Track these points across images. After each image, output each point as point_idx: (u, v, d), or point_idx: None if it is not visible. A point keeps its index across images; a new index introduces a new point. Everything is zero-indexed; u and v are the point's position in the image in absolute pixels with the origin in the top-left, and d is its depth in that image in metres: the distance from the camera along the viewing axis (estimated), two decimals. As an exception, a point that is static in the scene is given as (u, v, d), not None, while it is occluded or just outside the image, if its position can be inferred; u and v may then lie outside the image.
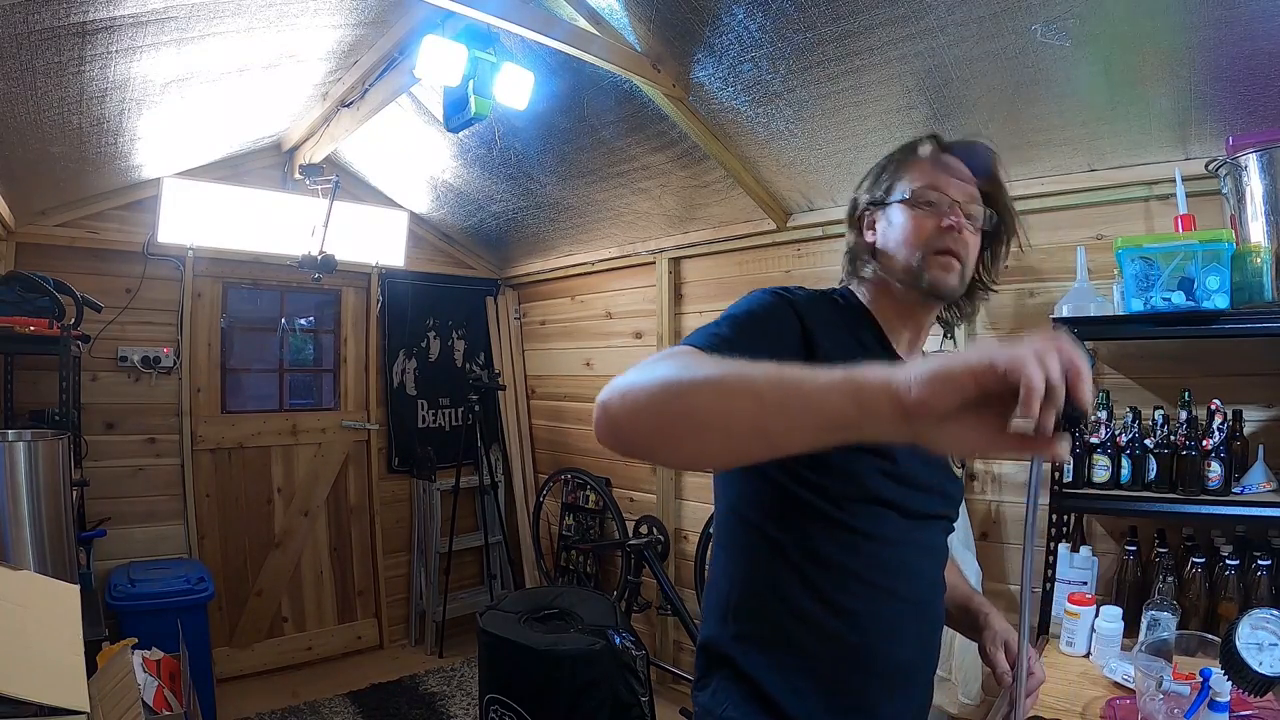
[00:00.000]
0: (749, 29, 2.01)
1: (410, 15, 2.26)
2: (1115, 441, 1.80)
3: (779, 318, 0.89)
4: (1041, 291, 2.17)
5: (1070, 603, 1.71)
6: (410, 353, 4.07)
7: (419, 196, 3.80)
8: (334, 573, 3.80)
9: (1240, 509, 1.61)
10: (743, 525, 0.93)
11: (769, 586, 0.89)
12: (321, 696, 3.25)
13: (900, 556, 0.91)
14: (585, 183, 3.12)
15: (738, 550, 0.94)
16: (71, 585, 1.49)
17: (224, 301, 3.50)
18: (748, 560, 0.93)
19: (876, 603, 0.88)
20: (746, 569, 0.93)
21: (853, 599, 0.87)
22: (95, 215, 3.08)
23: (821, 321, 0.92)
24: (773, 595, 0.89)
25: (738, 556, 0.94)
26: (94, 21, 1.83)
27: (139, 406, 3.19)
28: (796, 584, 0.87)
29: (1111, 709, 1.37)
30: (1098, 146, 1.99)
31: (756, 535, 0.91)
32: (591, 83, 2.45)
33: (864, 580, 0.88)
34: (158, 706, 1.84)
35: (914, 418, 0.53)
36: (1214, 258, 1.57)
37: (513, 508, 4.28)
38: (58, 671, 1.23)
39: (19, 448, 1.82)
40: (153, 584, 2.73)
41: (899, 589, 0.90)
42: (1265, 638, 1.16)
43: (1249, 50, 1.57)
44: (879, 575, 0.89)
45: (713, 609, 0.97)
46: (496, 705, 2.20)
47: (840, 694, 0.87)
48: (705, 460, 0.69)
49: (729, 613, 0.93)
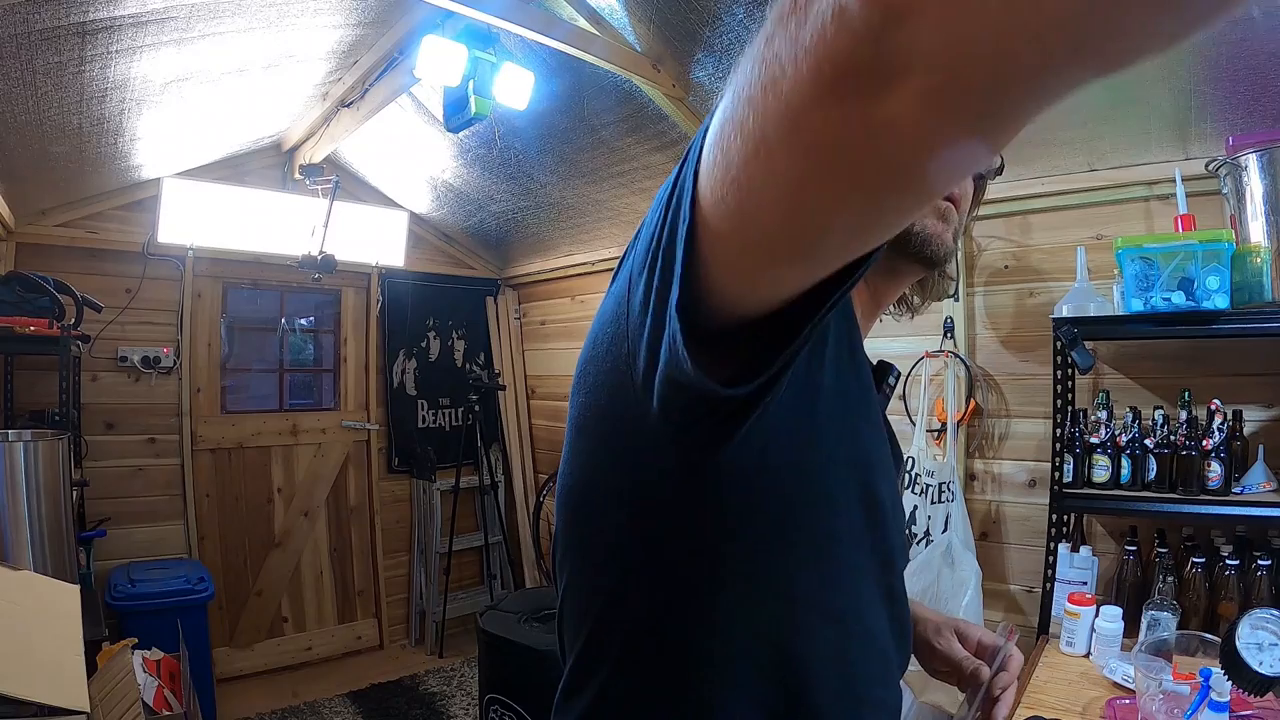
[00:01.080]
0: (749, 29, 2.01)
1: (410, 15, 2.26)
2: (1115, 441, 1.80)
3: None
4: (1041, 291, 2.17)
5: (1070, 603, 1.71)
6: (410, 353, 4.07)
7: (419, 196, 3.80)
8: (334, 573, 3.80)
9: (1240, 509, 1.61)
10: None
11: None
12: (321, 696, 3.25)
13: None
14: (585, 182, 3.12)
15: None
16: (71, 585, 1.49)
17: (224, 301, 3.50)
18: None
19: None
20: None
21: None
22: (95, 215, 3.08)
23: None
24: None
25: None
26: (94, 21, 1.83)
27: (139, 406, 3.19)
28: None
29: (1112, 709, 1.37)
30: (1098, 146, 1.99)
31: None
32: (592, 83, 2.45)
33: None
34: (158, 706, 1.84)
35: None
36: (1214, 258, 1.57)
37: (513, 508, 4.28)
38: (58, 671, 1.23)
39: (19, 448, 1.82)
40: (153, 584, 2.73)
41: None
42: (1265, 638, 1.15)
43: (1249, 50, 1.57)
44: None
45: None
46: (497, 705, 2.20)
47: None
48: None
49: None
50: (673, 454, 0.51)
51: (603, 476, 0.58)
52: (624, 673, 0.57)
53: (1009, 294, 2.24)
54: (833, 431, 0.57)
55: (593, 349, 0.57)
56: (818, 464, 0.56)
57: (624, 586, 0.57)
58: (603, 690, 0.58)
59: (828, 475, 0.57)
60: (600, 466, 0.58)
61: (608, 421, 0.56)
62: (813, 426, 0.55)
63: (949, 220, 0.69)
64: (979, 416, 2.29)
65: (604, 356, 0.54)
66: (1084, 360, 1.79)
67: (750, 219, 0.35)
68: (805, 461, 0.55)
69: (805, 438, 0.55)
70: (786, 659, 0.55)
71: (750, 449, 0.51)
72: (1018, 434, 2.24)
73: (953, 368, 2.28)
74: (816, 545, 0.56)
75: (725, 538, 0.53)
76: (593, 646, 0.59)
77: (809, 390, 0.55)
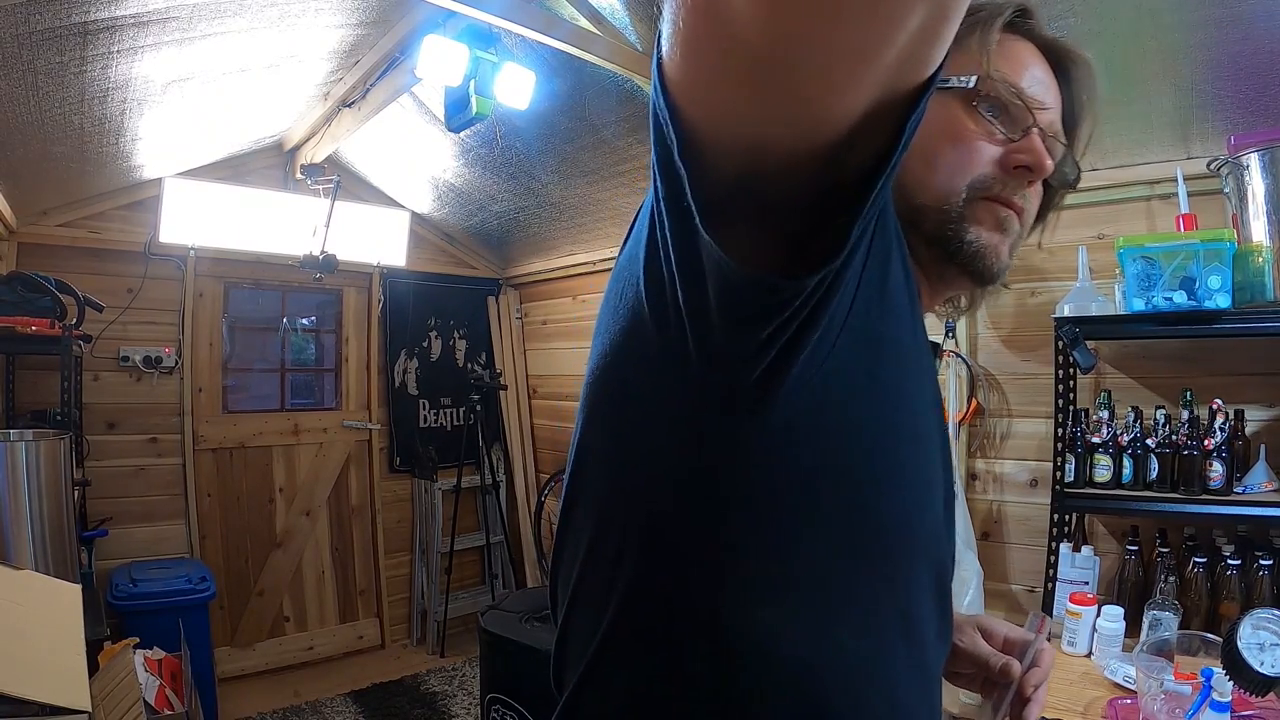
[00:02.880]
0: (750, 28, 2.01)
1: (412, 15, 2.26)
2: (1117, 441, 1.80)
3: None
4: (1043, 291, 2.17)
5: (1072, 602, 1.71)
6: (412, 352, 4.07)
7: (420, 196, 3.80)
8: (335, 572, 3.80)
9: (1242, 509, 1.61)
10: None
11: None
12: (323, 696, 3.25)
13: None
14: (587, 182, 3.12)
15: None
16: (73, 585, 1.50)
17: (225, 301, 3.50)
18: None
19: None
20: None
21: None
22: (97, 215, 3.08)
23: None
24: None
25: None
26: (96, 21, 1.83)
27: (140, 406, 3.19)
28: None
29: (1113, 709, 1.37)
30: (1099, 146, 1.99)
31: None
32: (593, 82, 2.45)
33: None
34: (159, 706, 1.84)
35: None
36: (1215, 257, 1.57)
37: (514, 507, 4.28)
38: (59, 671, 1.23)
39: (20, 447, 1.82)
40: (154, 583, 2.74)
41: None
42: (1267, 638, 1.15)
43: (1250, 49, 1.57)
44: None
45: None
46: (498, 705, 2.20)
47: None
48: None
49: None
50: (714, 399, 0.43)
51: (632, 442, 0.50)
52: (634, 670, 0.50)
53: (1010, 293, 2.23)
54: (897, 392, 0.48)
55: (616, 297, 0.51)
56: (882, 430, 0.47)
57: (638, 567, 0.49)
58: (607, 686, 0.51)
59: (898, 445, 0.48)
60: (625, 431, 0.51)
61: (629, 371, 0.49)
62: (874, 384, 0.46)
63: (1008, 231, 0.59)
64: (980, 416, 2.29)
65: (626, 295, 0.48)
66: (1085, 360, 1.78)
67: (708, 39, 0.31)
68: (870, 423, 0.46)
69: (870, 395, 0.46)
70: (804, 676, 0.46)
71: (806, 398, 0.42)
72: (1019, 433, 2.24)
73: (954, 367, 2.27)
74: (874, 531, 0.47)
75: (755, 517, 0.45)
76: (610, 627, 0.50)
77: (868, 340, 0.45)
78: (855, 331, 0.43)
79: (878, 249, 0.43)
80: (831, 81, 0.31)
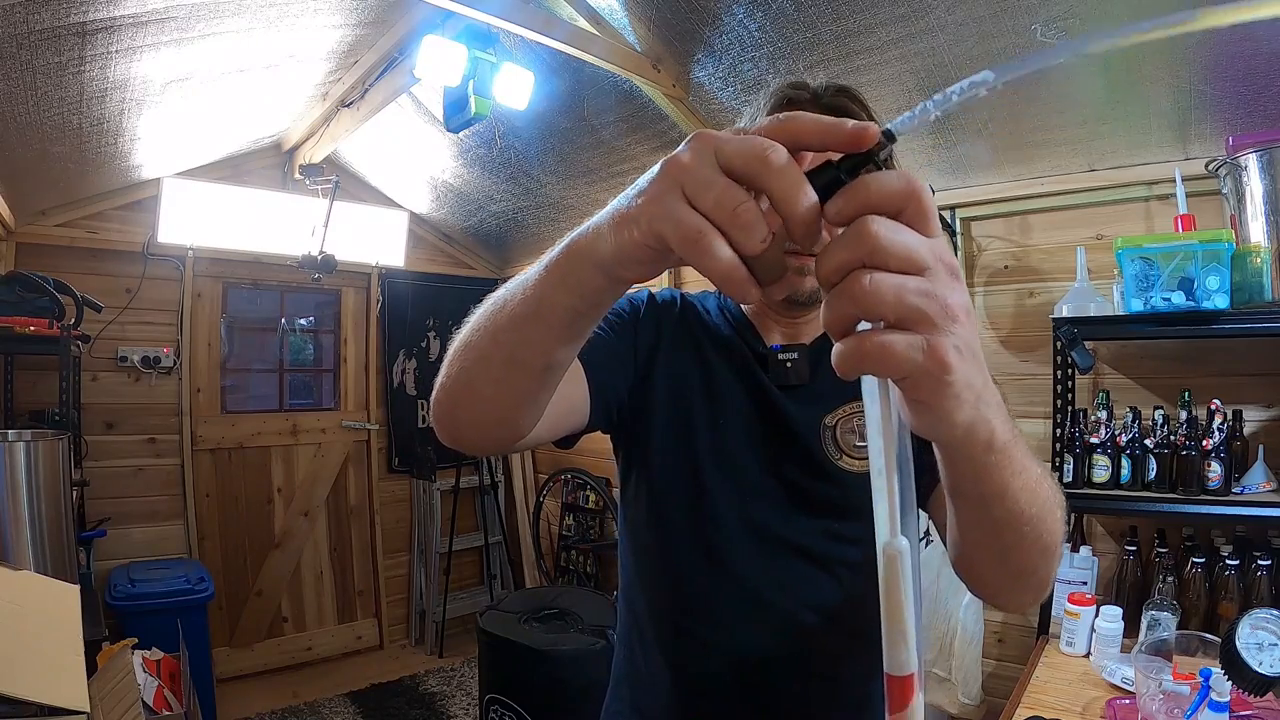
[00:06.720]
0: (749, 29, 2.01)
1: (410, 15, 2.26)
2: (1115, 441, 1.80)
3: (620, 329, 0.85)
4: (1042, 291, 2.17)
5: (1070, 603, 1.71)
6: (410, 353, 4.07)
7: (419, 196, 3.80)
8: (334, 573, 3.80)
9: (1240, 509, 1.61)
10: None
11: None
12: (321, 696, 3.25)
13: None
14: (585, 182, 3.12)
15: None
16: (71, 585, 1.49)
17: (224, 301, 3.50)
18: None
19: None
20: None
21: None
22: (95, 215, 3.08)
23: (675, 336, 0.87)
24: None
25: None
26: (94, 21, 1.83)
27: (139, 406, 3.19)
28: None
29: (1112, 709, 1.37)
30: (1098, 146, 1.99)
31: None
32: (592, 83, 2.45)
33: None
34: (158, 706, 1.84)
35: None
36: (1214, 258, 1.57)
37: (513, 508, 4.28)
38: (58, 671, 1.23)
39: (19, 448, 1.82)
40: (153, 584, 2.73)
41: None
42: (1265, 638, 1.16)
43: (1249, 50, 1.57)
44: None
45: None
46: (497, 705, 2.20)
47: None
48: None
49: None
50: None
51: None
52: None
53: (1009, 294, 2.24)
54: (684, 424, 0.84)
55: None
56: (655, 430, 0.86)
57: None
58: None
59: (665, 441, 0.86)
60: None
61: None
62: (649, 402, 0.86)
63: (803, 271, 0.76)
64: (979, 416, 2.28)
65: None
66: (1084, 360, 1.79)
67: (439, 426, 0.64)
68: (653, 428, 0.86)
69: (646, 408, 0.86)
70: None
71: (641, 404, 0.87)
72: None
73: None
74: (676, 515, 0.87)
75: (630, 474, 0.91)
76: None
77: (648, 377, 0.86)
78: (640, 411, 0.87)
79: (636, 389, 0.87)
80: (490, 435, 0.63)
